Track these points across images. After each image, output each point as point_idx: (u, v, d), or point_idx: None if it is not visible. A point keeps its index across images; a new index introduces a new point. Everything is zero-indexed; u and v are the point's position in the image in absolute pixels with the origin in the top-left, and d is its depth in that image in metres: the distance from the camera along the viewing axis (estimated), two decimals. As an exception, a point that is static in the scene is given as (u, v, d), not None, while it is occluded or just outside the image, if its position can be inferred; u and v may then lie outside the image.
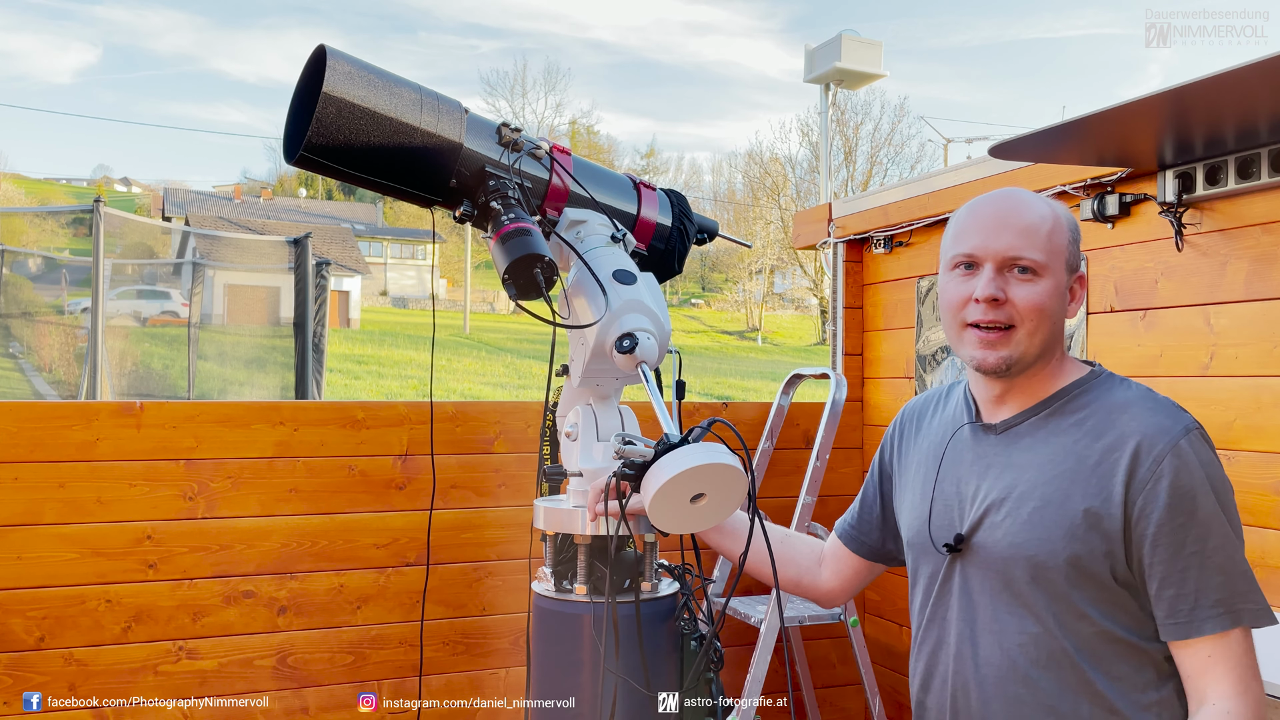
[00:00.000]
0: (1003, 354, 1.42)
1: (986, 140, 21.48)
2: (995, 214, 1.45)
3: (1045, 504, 1.39)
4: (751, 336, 41.89)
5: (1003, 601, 1.43)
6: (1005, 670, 1.42)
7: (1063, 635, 1.39)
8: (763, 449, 3.27)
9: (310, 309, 8.56)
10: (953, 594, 1.49)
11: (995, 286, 1.40)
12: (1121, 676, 1.38)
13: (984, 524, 1.45)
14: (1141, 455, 1.35)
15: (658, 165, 62.08)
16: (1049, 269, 1.43)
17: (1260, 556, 2.28)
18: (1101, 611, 1.38)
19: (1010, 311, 1.41)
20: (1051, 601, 1.39)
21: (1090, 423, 1.42)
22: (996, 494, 1.45)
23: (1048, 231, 1.43)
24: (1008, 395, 1.49)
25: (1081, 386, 1.46)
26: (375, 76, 1.58)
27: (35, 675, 2.51)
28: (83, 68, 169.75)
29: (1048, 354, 1.46)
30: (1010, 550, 1.41)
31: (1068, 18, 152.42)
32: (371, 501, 2.79)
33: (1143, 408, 1.40)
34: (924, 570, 1.56)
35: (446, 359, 22.01)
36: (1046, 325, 1.43)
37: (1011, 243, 1.41)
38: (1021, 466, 1.44)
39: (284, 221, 41.76)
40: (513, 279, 1.52)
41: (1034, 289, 1.41)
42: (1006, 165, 2.86)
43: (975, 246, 1.43)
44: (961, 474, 1.51)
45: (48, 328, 12.63)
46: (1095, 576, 1.37)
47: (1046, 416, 1.46)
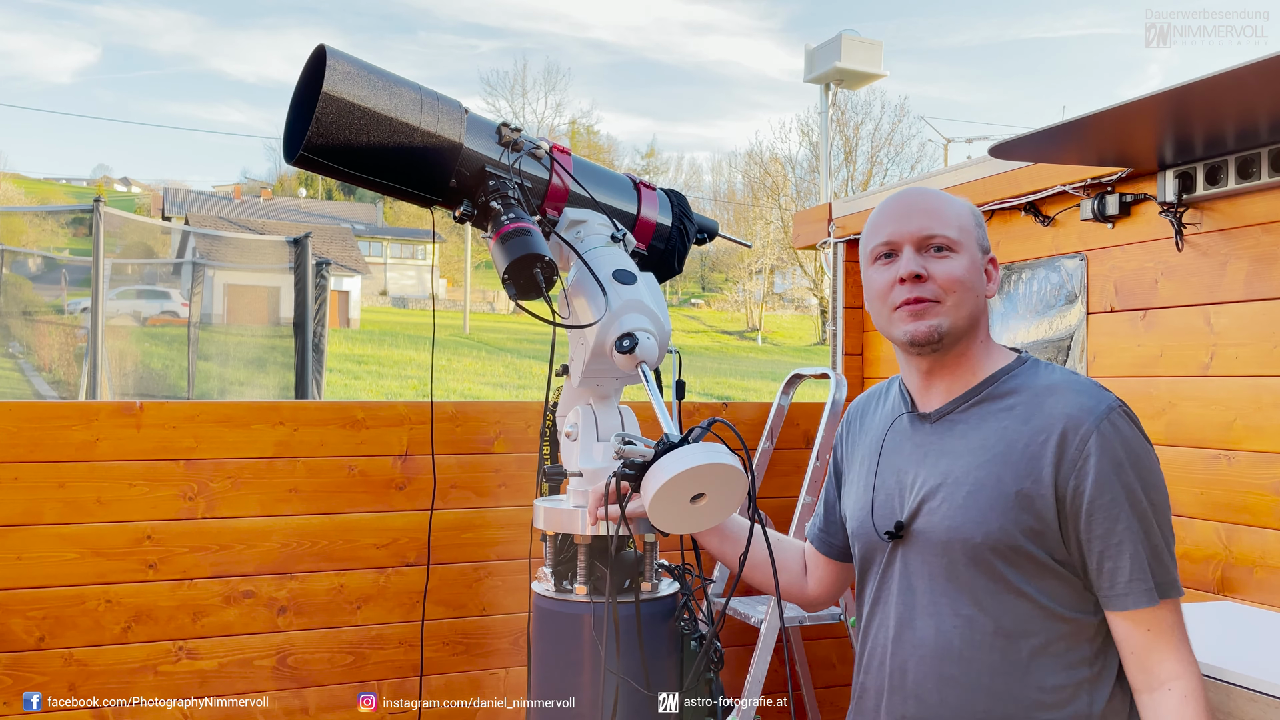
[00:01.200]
0: (932, 322, 1.46)
1: (986, 140, 21.50)
2: (903, 203, 1.53)
3: (979, 488, 1.44)
4: (751, 336, 41.89)
5: (940, 585, 1.47)
6: (941, 651, 1.45)
7: (999, 614, 1.43)
8: (763, 449, 3.27)
9: (310, 309, 8.56)
10: (894, 580, 1.53)
11: (917, 264, 1.47)
12: (1055, 654, 1.42)
13: (922, 510, 1.49)
14: (1069, 436, 1.40)
15: (658, 165, 62.13)
16: (963, 245, 1.49)
17: (1261, 556, 2.28)
18: (1037, 588, 1.42)
19: (933, 287, 1.47)
20: (989, 582, 1.43)
21: (1019, 408, 1.46)
22: (934, 481, 1.49)
23: (955, 212, 1.51)
24: (936, 376, 1.53)
25: (1009, 373, 1.51)
26: (375, 76, 1.58)
27: (35, 675, 2.51)
28: (82, 67, 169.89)
29: (973, 331, 1.51)
30: (948, 534, 1.45)
31: (1067, 18, 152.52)
32: (371, 501, 2.79)
33: (1068, 390, 1.45)
34: (868, 559, 1.59)
35: (446, 359, 22.01)
36: (969, 297, 1.48)
37: (923, 223, 1.48)
38: (956, 453, 1.49)
39: (284, 221, 41.77)
40: (513, 279, 1.52)
41: (951, 264, 1.48)
42: (1006, 165, 2.86)
43: (891, 234, 1.50)
44: (901, 463, 1.56)
45: (47, 328, 12.63)
46: (1030, 556, 1.41)
47: (977, 403, 1.50)
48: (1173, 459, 2.52)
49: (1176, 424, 2.52)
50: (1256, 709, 1.68)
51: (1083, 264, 2.78)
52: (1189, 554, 2.46)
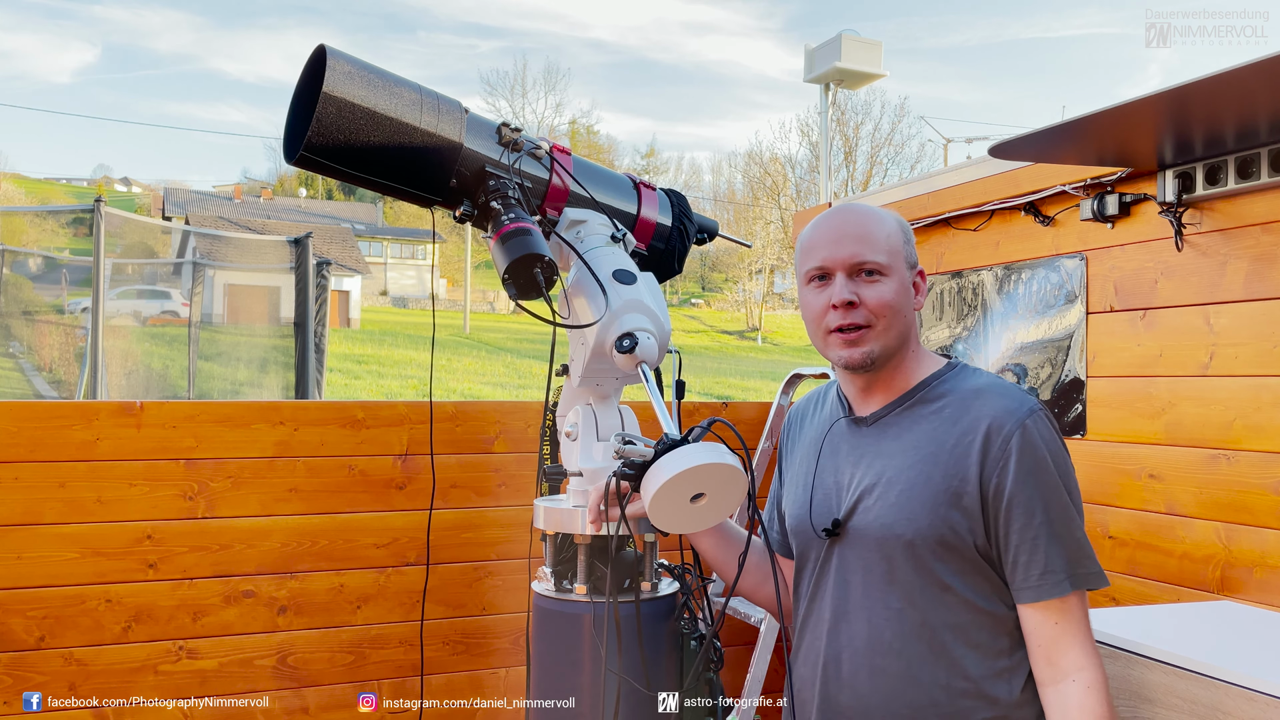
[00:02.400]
0: (865, 349, 1.54)
1: (986, 140, 21.48)
2: (834, 226, 1.59)
3: (911, 486, 1.51)
4: (751, 336, 41.88)
5: (873, 579, 1.53)
6: (872, 642, 1.52)
7: (927, 608, 1.50)
8: (763, 449, 3.27)
9: (311, 309, 8.56)
10: (830, 576, 1.59)
11: (849, 291, 1.54)
12: (978, 644, 1.49)
13: (858, 509, 1.55)
14: (992, 436, 1.48)
15: (658, 165, 62.10)
16: (891, 269, 1.56)
17: (1260, 556, 2.28)
18: (964, 583, 1.49)
19: (864, 312, 1.54)
20: (918, 576, 1.50)
21: (948, 411, 1.54)
22: (869, 480, 1.56)
23: (885, 235, 1.57)
24: (872, 388, 1.61)
25: (939, 378, 1.59)
26: (375, 76, 1.58)
27: (35, 675, 2.51)
28: (81, 67, 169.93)
29: (903, 346, 1.58)
30: (881, 531, 1.52)
31: (1067, 17, 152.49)
32: (371, 501, 2.79)
33: (992, 394, 1.54)
34: (804, 555, 1.64)
35: (446, 359, 22.01)
36: (899, 320, 1.56)
37: (854, 250, 1.55)
38: (890, 454, 1.56)
39: (284, 221, 41.75)
40: (513, 279, 1.52)
41: (881, 288, 1.55)
42: (1006, 165, 2.86)
43: (824, 259, 1.56)
44: (839, 464, 1.62)
45: (48, 327, 12.63)
46: (958, 550, 1.49)
47: (910, 406, 1.58)
48: (1173, 459, 2.52)
49: (1176, 424, 2.52)
50: (1254, 709, 1.68)
51: (1082, 264, 2.78)
52: (1189, 553, 2.46)
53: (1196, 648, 1.87)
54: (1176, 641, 1.89)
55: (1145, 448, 2.59)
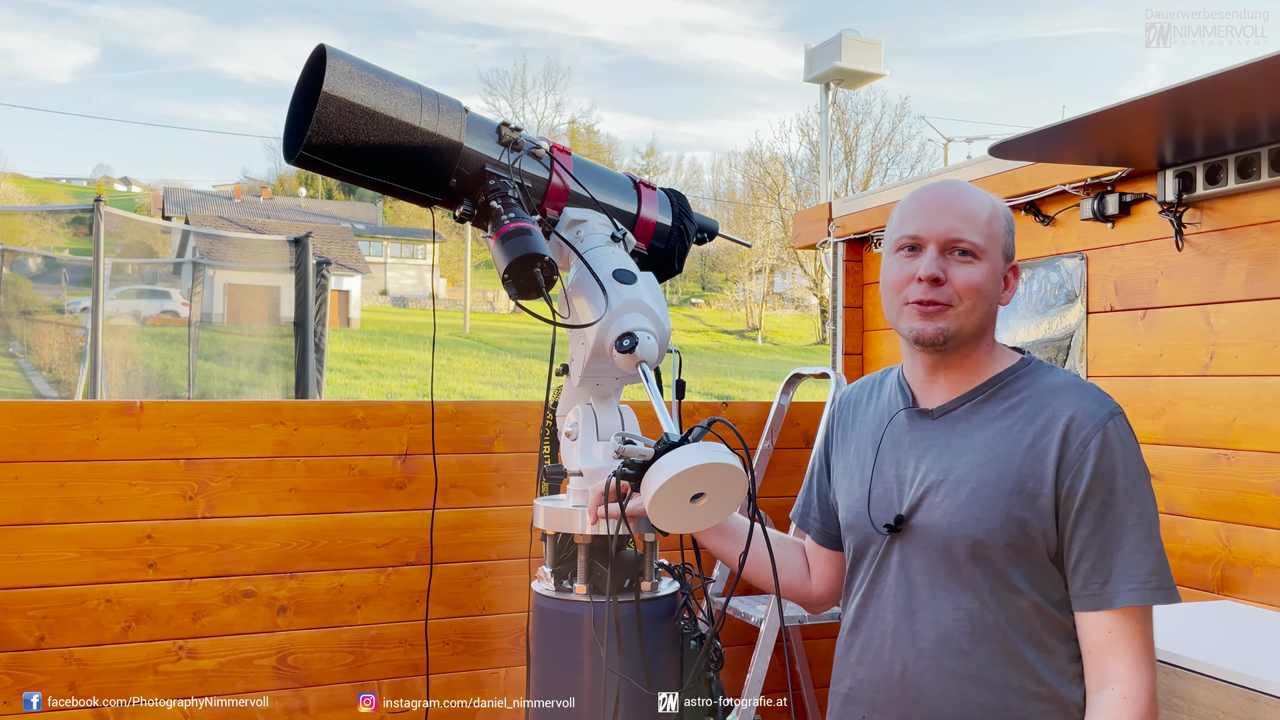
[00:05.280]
0: (940, 325, 1.48)
1: (986, 140, 21.48)
2: (938, 199, 1.51)
3: (983, 485, 1.46)
4: (751, 336, 41.89)
5: (940, 579, 1.49)
6: (941, 644, 1.47)
7: (997, 610, 1.45)
8: (763, 449, 3.27)
9: (311, 308, 8.56)
10: (889, 573, 1.54)
11: (937, 266, 1.47)
12: (1050, 648, 1.45)
13: (923, 505, 1.50)
14: (1070, 437, 1.43)
15: (658, 165, 62.10)
16: (987, 253, 1.49)
17: (1260, 556, 2.28)
18: (1034, 586, 1.45)
19: (949, 292, 1.47)
20: (988, 577, 1.45)
21: (1024, 408, 1.48)
22: (935, 476, 1.50)
23: (986, 218, 1.50)
24: (940, 373, 1.54)
25: (1015, 373, 1.53)
26: (375, 76, 1.58)
27: (35, 675, 2.51)
28: (80, 67, 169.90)
29: (980, 335, 1.52)
30: (949, 530, 1.47)
31: (1067, 17, 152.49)
32: (371, 501, 2.79)
33: (1072, 393, 1.48)
34: (862, 551, 1.60)
35: (446, 358, 22.01)
36: (983, 305, 1.49)
37: (953, 225, 1.48)
38: (959, 450, 1.50)
39: (284, 221, 41.75)
40: (513, 278, 1.52)
41: (972, 270, 1.48)
42: (1006, 164, 2.86)
43: (919, 229, 1.49)
44: (900, 457, 1.56)
45: (47, 327, 12.63)
46: (1030, 553, 1.44)
47: (982, 401, 1.52)
48: (1173, 459, 2.52)
49: (1176, 423, 2.52)
50: (1256, 709, 1.68)
51: (1083, 263, 2.78)
52: (1189, 553, 2.46)
53: (1197, 648, 1.87)
54: (1177, 642, 1.89)
55: (1145, 447, 2.56)
